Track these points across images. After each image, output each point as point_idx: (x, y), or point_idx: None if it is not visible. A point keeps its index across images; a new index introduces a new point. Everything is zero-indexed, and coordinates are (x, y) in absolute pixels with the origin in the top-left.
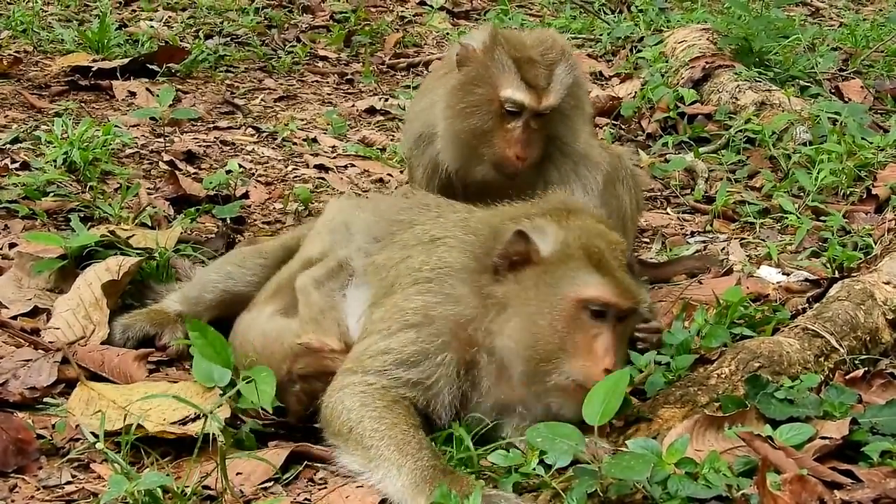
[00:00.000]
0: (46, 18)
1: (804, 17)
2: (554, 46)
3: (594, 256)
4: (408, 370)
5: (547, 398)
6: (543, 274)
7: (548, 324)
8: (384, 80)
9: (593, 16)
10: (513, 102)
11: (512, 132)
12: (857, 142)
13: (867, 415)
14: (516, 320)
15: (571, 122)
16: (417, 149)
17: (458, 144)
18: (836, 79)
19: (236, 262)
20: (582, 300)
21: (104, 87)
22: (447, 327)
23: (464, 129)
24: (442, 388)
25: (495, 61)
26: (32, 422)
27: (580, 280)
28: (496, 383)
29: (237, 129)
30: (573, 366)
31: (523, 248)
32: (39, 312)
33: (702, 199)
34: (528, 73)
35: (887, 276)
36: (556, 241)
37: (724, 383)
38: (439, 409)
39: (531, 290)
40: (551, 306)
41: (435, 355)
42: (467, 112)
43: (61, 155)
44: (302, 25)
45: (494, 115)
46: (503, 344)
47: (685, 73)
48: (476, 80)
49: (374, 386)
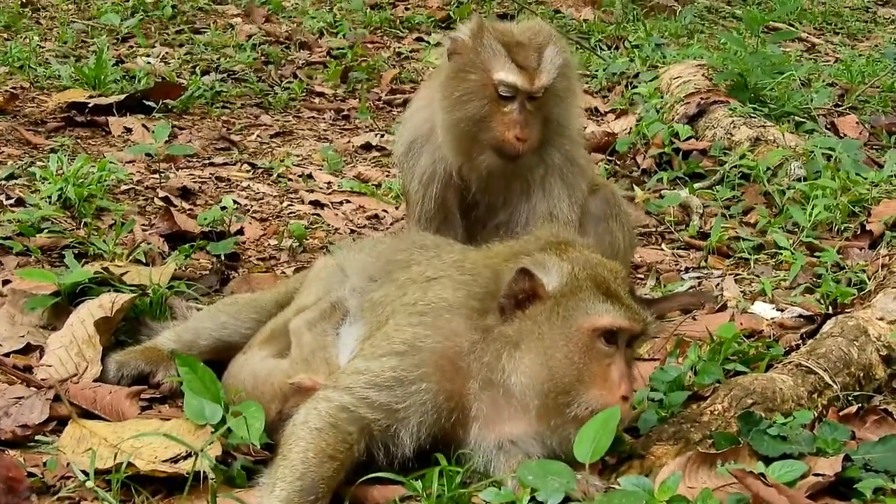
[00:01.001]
0: (43, 54)
1: (800, 53)
2: (541, 31)
3: (602, 285)
4: (378, 392)
5: (565, 430)
6: (555, 307)
7: (563, 356)
8: (380, 116)
9: (589, 52)
10: (506, 85)
11: (510, 115)
12: (852, 177)
13: (860, 451)
14: (530, 356)
15: (566, 104)
16: (411, 155)
17: (458, 134)
18: (832, 114)
19: (231, 313)
20: (597, 329)
21: (100, 123)
22: (432, 359)
23: (462, 117)
24: (410, 415)
25: (485, 46)
26: (24, 460)
27: (593, 310)
28: (499, 419)
29: (233, 165)
30: (591, 396)
31: (528, 285)
32: (32, 349)
33: (696, 235)
34: (518, 55)
35: (881, 312)
36: (561, 274)
37: (717, 420)
38: (403, 436)
39: (544, 326)
40: (566, 339)
41: (411, 384)
42: (463, 100)
43: (56, 191)
44: (298, 62)
45: (490, 99)
46: (517, 380)
47: (680, 108)
48: (468, 67)
49: (332, 403)
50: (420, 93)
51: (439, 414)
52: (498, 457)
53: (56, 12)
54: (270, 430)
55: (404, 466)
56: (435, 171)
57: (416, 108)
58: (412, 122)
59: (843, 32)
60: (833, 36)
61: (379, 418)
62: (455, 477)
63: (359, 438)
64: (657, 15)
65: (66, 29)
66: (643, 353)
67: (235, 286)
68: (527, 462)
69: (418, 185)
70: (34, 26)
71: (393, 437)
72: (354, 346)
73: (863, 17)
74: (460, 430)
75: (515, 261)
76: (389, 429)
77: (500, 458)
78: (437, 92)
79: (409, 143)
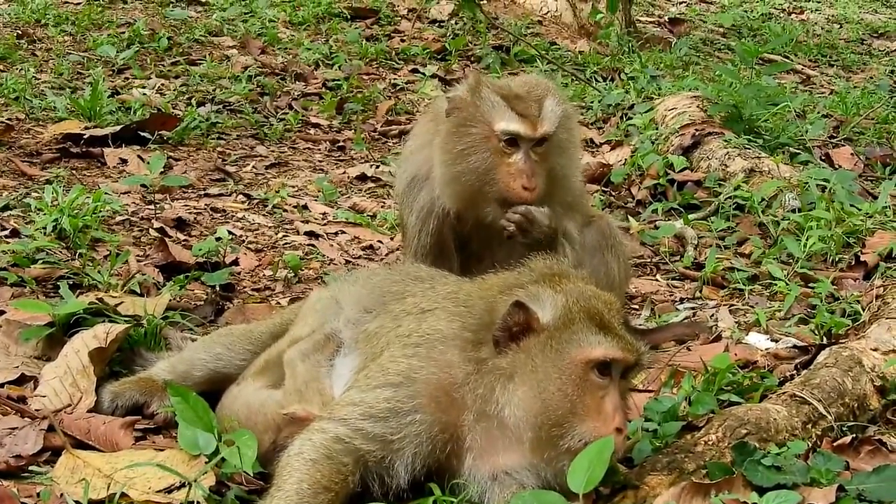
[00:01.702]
0: (39, 86)
1: (795, 85)
2: (539, 84)
3: (595, 317)
4: (374, 424)
5: (560, 462)
6: (549, 340)
7: (557, 389)
8: (376, 147)
9: (584, 83)
10: (509, 133)
11: (515, 164)
12: (846, 209)
13: (854, 482)
14: (524, 389)
15: (568, 156)
16: (411, 191)
17: (460, 188)
18: (827, 146)
19: (226, 345)
20: (591, 361)
21: (95, 155)
22: (427, 390)
23: (464, 170)
24: (405, 446)
25: (484, 100)
26: (18, 490)
27: (586, 342)
28: (493, 450)
29: (228, 196)
30: (585, 428)
31: (523, 318)
32: (26, 380)
33: (691, 266)
34: (518, 105)
35: (875, 343)
36: (555, 306)
37: (712, 450)
38: (398, 467)
39: (538, 358)
40: (560, 371)
41: (406, 414)
42: (465, 153)
43: (51, 222)
44: (294, 93)
45: (493, 151)
46: (511, 412)
47: (675, 140)
48: (469, 121)
49: (326, 434)
50: (417, 128)
51: (434, 445)
52: (493, 487)
53: (52, 44)
54: (264, 460)
55: (399, 497)
56: (433, 208)
57: (414, 146)
58: (412, 160)
59: (837, 64)
60: (828, 68)
61: (374, 449)
62: None
63: (354, 470)
64: (652, 47)
65: (62, 60)
66: (638, 384)
67: (230, 317)
68: (520, 493)
69: (416, 219)
70: (30, 58)
71: (388, 469)
72: (349, 378)
73: (857, 49)
74: (455, 460)
75: (510, 293)
76: (384, 460)
77: (495, 489)
78: (438, 149)
79: (409, 181)
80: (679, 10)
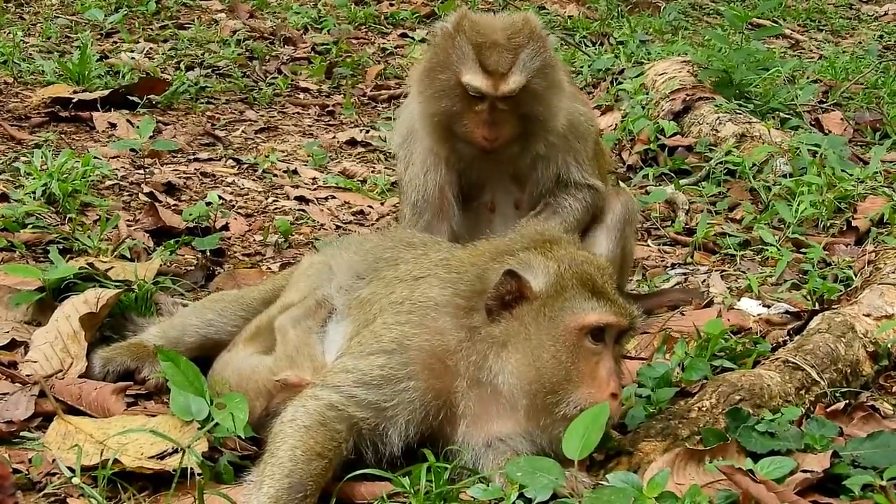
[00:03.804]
0: (27, 50)
1: (784, 50)
2: (523, 29)
3: (588, 283)
4: (367, 391)
5: (555, 429)
6: (542, 308)
7: (551, 356)
8: (365, 112)
9: (574, 48)
10: (473, 88)
11: (480, 114)
12: (837, 174)
13: (848, 448)
14: (518, 357)
15: (546, 102)
16: (408, 142)
17: (434, 125)
18: (816, 111)
19: (217, 310)
20: (584, 327)
21: (84, 119)
22: (420, 357)
23: (436, 111)
24: (399, 413)
25: (456, 48)
26: (9, 456)
27: (580, 308)
28: (487, 417)
29: (217, 160)
30: (580, 394)
31: (515, 286)
32: (17, 345)
33: (682, 231)
34: (488, 58)
35: (868, 309)
36: (547, 273)
37: (705, 416)
38: (391, 434)
39: (531, 326)
40: (554, 338)
41: (399, 381)
42: (436, 97)
43: (40, 186)
44: (283, 57)
45: (461, 98)
46: (504, 380)
47: (666, 105)
48: (440, 66)
49: (320, 401)
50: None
51: (427, 411)
52: (486, 454)
53: (39, 7)
54: (256, 426)
55: (392, 463)
56: (435, 157)
57: (406, 104)
58: (407, 111)
59: (826, 29)
60: (817, 32)
61: (367, 416)
62: (443, 473)
63: (347, 436)
64: (641, 11)
65: (50, 24)
66: (631, 350)
67: (221, 282)
68: (515, 459)
69: (418, 170)
70: (17, 21)
71: (381, 436)
72: (342, 344)
73: (846, 13)
74: (448, 427)
75: (501, 261)
76: (378, 427)
77: (489, 455)
78: (415, 84)
79: (407, 131)
80: None
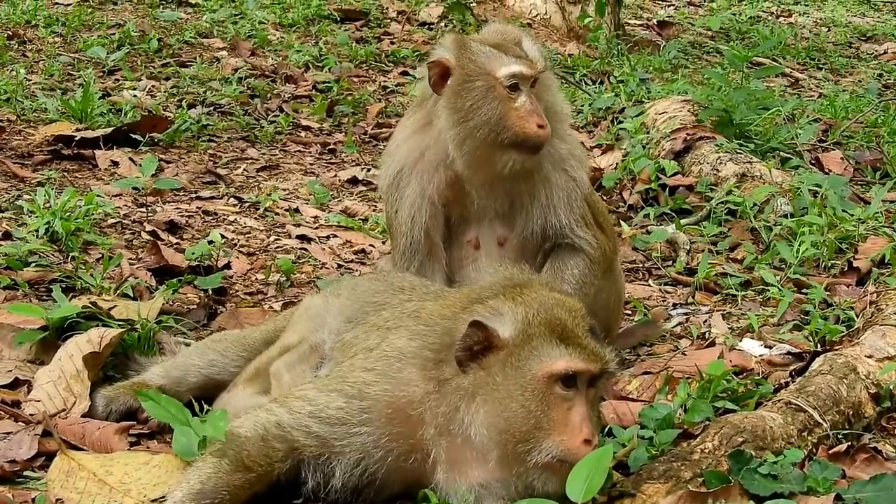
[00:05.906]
0: (30, 87)
1: (784, 88)
2: (508, 30)
3: (556, 328)
4: (319, 425)
5: (529, 478)
6: (508, 357)
7: (520, 405)
8: (366, 150)
9: (574, 87)
10: (512, 76)
11: (523, 107)
12: (838, 214)
13: (851, 490)
14: (487, 408)
15: (553, 91)
16: (397, 186)
17: (476, 144)
18: (817, 150)
19: (220, 350)
20: (553, 375)
21: (87, 157)
22: (377, 407)
23: (477, 124)
24: (349, 453)
25: (477, 53)
26: (12, 496)
27: (546, 355)
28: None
29: (219, 199)
30: (551, 442)
31: (481, 336)
32: (20, 384)
33: (683, 271)
34: (510, 50)
35: (869, 350)
36: (515, 320)
37: (708, 458)
38: (335, 467)
39: (499, 376)
40: (521, 388)
41: (353, 426)
42: (474, 108)
43: (43, 225)
44: (285, 95)
45: (500, 99)
46: (476, 431)
47: (666, 144)
48: (469, 76)
49: (270, 415)
50: (402, 125)
51: (387, 453)
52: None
53: (42, 45)
54: None
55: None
56: (424, 200)
57: (401, 138)
58: (398, 152)
59: (826, 67)
60: (816, 71)
61: (311, 445)
62: None
63: (283, 458)
64: (641, 50)
65: (53, 62)
66: (633, 392)
67: (223, 321)
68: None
69: (406, 215)
70: (20, 59)
71: (323, 466)
72: None
73: (846, 52)
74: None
75: (470, 310)
76: (321, 457)
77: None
78: (443, 112)
79: (395, 174)
80: (667, 13)
